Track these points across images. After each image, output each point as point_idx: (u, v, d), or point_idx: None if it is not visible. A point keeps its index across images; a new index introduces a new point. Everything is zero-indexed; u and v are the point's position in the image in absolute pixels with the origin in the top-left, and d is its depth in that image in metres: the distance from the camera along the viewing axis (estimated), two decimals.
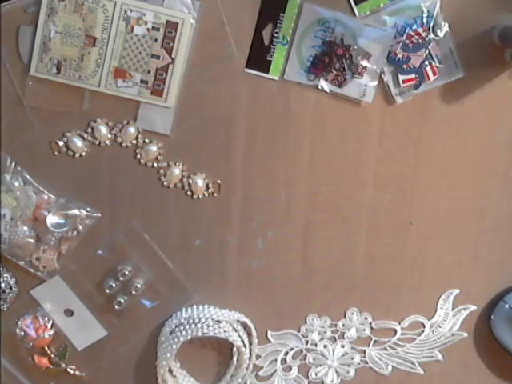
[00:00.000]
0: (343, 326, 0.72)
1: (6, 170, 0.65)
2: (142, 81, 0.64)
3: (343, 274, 0.71)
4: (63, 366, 0.70)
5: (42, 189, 0.66)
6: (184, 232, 0.69)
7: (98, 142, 0.66)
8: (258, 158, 0.67)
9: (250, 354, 0.71)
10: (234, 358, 0.71)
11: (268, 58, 0.64)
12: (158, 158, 0.67)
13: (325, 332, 0.73)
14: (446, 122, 0.67)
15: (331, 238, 0.70)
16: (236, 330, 0.69)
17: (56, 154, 0.66)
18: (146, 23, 0.62)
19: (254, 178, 0.68)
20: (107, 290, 0.68)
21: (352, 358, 0.73)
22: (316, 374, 0.74)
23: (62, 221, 0.66)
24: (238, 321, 0.70)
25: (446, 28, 0.64)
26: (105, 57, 0.63)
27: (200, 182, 0.67)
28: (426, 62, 0.65)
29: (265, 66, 0.65)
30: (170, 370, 0.71)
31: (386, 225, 0.70)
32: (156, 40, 0.63)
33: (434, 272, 0.71)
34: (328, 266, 0.70)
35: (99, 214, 0.67)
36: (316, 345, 0.73)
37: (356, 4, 0.63)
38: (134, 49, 0.63)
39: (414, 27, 0.63)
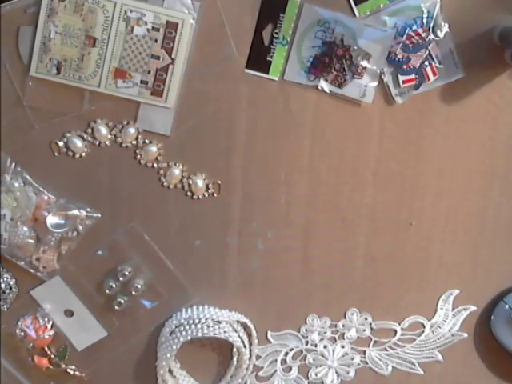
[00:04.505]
0: (343, 326, 0.72)
1: (6, 170, 0.65)
2: (142, 81, 0.64)
3: (343, 274, 0.71)
4: (63, 366, 0.70)
5: (42, 189, 0.66)
6: (184, 232, 0.69)
7: (98, 143, 0.66)
8: (257, 158, 0.67)
9: (250, 354, 0.71)
10: (234, 359, 0.71)
11: (268, 59, 0.64)
12: (158, 158, 0.67)
13: (325, 332, 0.73)
14: (445, 122, 0.67)
15: (331, 238, 0.70)
16: (236, 331, 0.69)
17: (56, 154, 0.66)
18: (146, 24, 0.62)
19: (254, 178, 0.68)
20: (107, 291, 0.68)
21: (352, 359, 0.73)
22: (316, 375, 0.74)
23: (62, 221, 0.66)
24: (238, 321, 0.70)
25: (445, 28, 0.64)
26: (105, 57, 0.63)
27: (200, 182, 0.67)
28: (426, 63, 0.65)
29: (265, 67, 0.65)
30: (170, 371, 0.71)
31: (386, 225, 0.70)
32: (156, 40, 0.63)
33: (434, 272, 0.71)
34: (328, 266, 0.70)
35: (99, 215, 0.67)
36: (316, 345, 0.73)
37: (356, 4, 0.63)
38: (134, 49, 0.63)
39: (414, 28, 0.63)
